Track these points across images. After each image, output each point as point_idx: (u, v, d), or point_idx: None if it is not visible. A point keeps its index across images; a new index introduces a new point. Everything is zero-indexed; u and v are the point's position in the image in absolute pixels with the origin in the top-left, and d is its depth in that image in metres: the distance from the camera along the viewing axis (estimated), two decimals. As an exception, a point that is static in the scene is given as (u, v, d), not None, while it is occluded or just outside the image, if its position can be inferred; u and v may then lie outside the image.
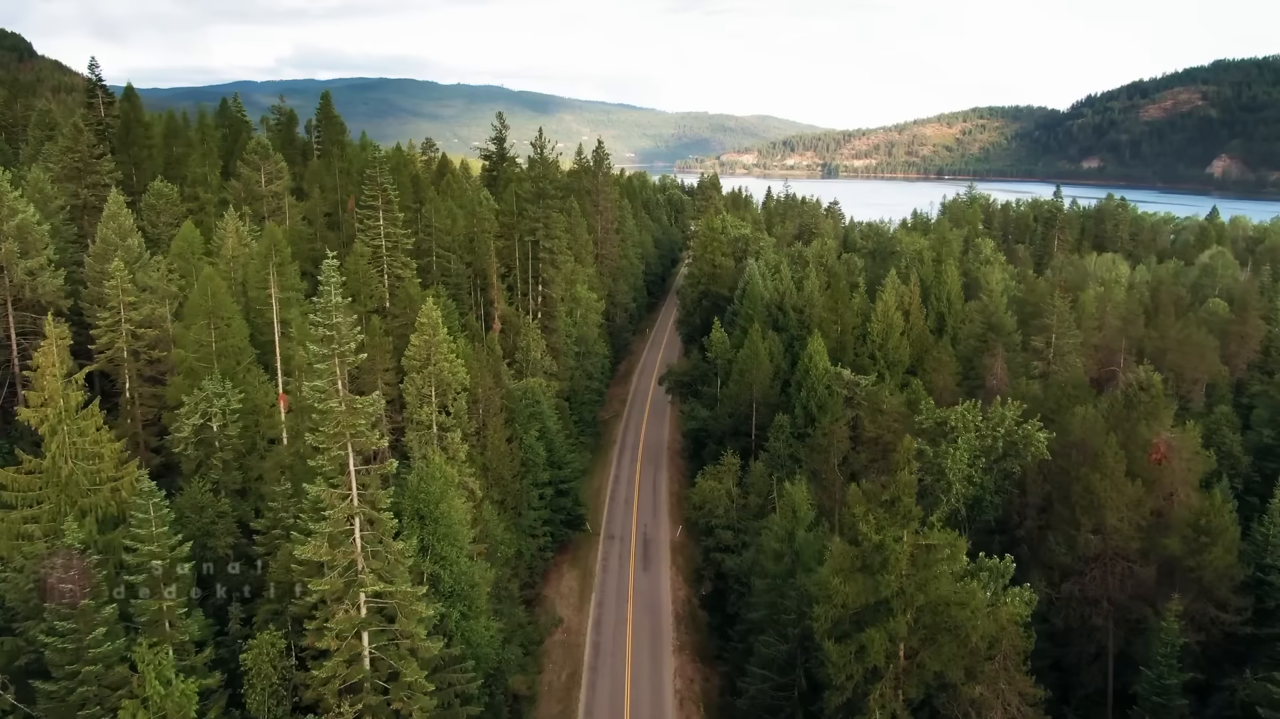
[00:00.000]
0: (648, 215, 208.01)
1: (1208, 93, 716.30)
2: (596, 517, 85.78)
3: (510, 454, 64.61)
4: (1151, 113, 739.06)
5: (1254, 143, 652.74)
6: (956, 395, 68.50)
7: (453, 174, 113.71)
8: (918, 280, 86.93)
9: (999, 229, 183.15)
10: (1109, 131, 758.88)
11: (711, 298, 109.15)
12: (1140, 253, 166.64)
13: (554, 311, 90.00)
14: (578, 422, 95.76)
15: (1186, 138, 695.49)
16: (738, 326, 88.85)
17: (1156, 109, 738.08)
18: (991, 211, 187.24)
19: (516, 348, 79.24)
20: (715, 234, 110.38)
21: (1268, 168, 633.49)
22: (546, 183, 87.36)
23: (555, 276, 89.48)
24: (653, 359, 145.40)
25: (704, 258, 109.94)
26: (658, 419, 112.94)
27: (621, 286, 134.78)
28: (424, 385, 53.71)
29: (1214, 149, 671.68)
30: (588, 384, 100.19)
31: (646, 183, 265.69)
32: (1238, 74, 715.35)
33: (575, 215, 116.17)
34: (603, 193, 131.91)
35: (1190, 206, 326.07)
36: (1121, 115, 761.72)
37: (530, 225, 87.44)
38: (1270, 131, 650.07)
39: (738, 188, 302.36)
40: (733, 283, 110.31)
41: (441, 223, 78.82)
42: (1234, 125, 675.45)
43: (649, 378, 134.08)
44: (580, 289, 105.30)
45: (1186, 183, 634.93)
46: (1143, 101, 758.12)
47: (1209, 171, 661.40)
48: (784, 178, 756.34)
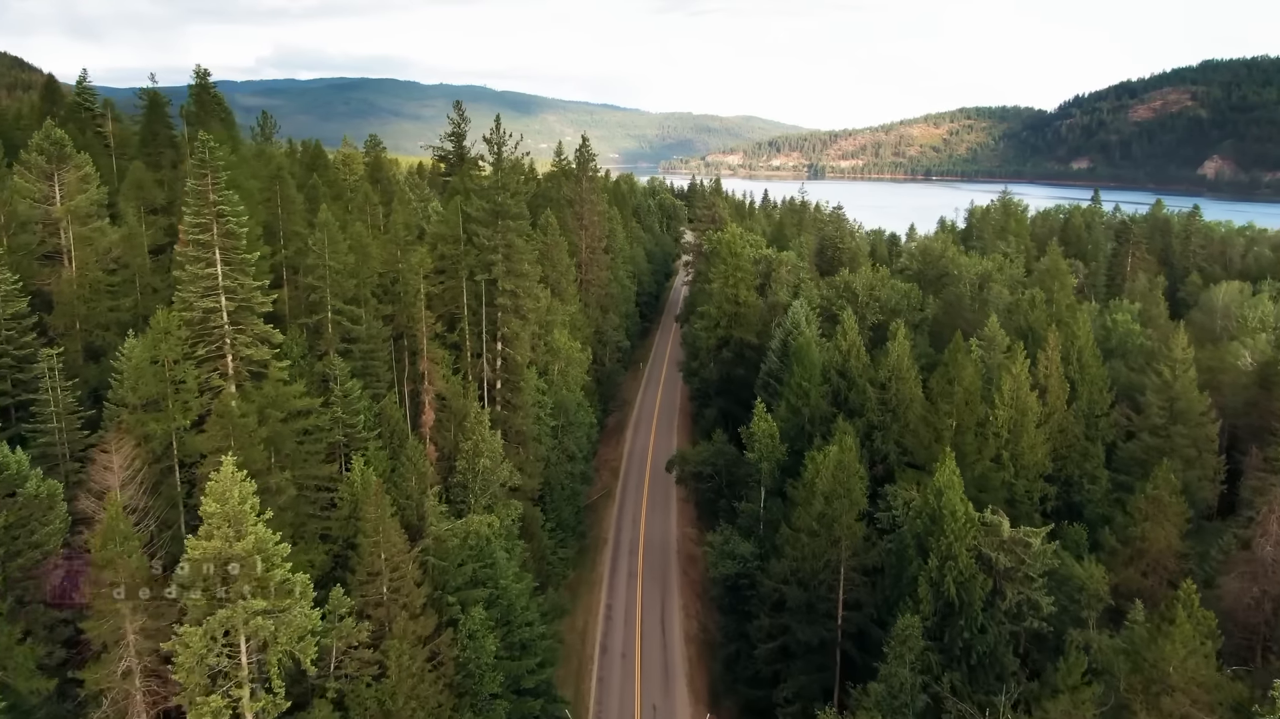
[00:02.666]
0: (638, 224, 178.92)
1: (1197, 93, 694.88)
2: (579, 683, 57.03)
3: (433, 670, 35.84)
4: (1141, 113, 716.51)
5: (1246, 143, 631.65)
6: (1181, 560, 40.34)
7: (393, 182, 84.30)
8: (1057, 343, 57.85)
9: (1038, 241, 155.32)
10: (1098, 132, 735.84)
11: (735, 346, 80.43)
12: (1216, 272, 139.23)
13: (518, 380, 61.10)
14: (555, 528, 67.00)
15: (1177, 138, 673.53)
16: (782, 400, 60.39)
17: (1146, 109, 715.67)
18: (1022, 220, 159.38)
19: (459, 449, 50.66)
20: (737, 258, 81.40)
21: (1261, 168, 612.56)
22: (507, 196, 58.23)
23: (520, 330, 60.45)
24: (650, 402, 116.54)
25: (723, 291, 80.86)
26: (662, 499, 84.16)
27: (612, 319, 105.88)
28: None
29: (1205, 150, 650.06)
30: (569, 469, 71.44)
31: (635, 186, 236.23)
32: (1226, 74, 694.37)
33: (553, 232, 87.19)
34: (588, 202, 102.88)
35: (1186, 208, 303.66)
36: (1110, 116, 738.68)
37: (484, 259, 58.60)
38: (1262, 132, 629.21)
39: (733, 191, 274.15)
40: (761, 324, 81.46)
41: (340, 259, 49.62)
42: (1225, 126, 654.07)
43: (647, 431, 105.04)
44: (559, 337, 76.27)
45: (1179, 184, 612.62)
46: (1131, 102, 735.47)
47: (1201, 173, 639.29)
48: (770, 179, 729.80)
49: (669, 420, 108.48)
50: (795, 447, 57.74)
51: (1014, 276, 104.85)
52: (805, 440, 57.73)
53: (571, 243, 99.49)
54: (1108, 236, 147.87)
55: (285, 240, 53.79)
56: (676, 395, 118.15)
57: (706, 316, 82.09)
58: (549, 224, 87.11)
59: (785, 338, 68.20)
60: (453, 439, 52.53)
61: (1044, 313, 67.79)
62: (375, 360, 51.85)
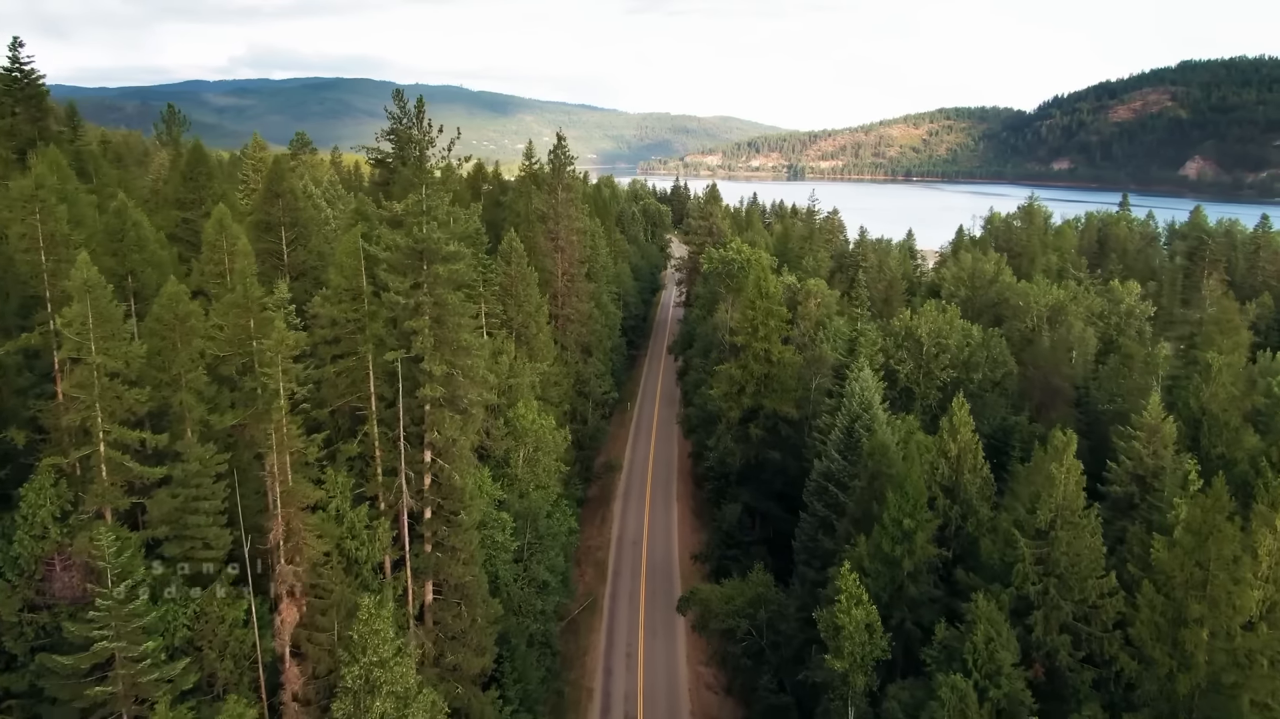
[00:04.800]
0: (622, 234, 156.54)
1: (1176, 93, 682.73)
2: None
3: None
4: (1121, 114, 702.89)
5: (1227, 144, 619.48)
6: None
7: (298, 196, 61.12)
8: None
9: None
10: (1078, 133, 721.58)
11: (767, 421, 58.19)
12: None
13: (458, 507, 38.85)
14: (518, 707, 44.63)
15: (1158, 139, 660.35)
16: (862, 544, 38.45)
17: (1126, 110, 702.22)
18: (1066, 233, 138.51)
19: (343, 672, 28.43)
20: (768, 300, 58.81)
21: (1243, 169, 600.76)
22: (433, 228, 35.83)
23: (458, 432, 38.13)
24: (642, 459, 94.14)
25: (750, 346, 58.25)
26: (665, 614, 61.78)
27: (595, 365, 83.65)
28: None
29: (1186, 150, 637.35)
30: (539, 611, 49.21)
31: (617, 191, 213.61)
32: (1205, 74, 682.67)
33: (519, 261, 64.72)
34: (566, 217, 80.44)
35: (1170, 209, 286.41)
36: (1090, 117, 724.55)
37: (401, 326, 36.39)
38: (1243, 133, 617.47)
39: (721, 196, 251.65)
40: (801, 387, 59.24)
41: (120, 350, 27.14)
42: (1205, 126, 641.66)
43: (639, 502, 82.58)
44: (525, 413, 53.81)
45: (1161, 184, 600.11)
46: (1111, 102, 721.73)
47: (1183, 173, 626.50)
48: (749, 179, 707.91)
49: (666, 486, 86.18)
50: (893, 617, 35.89)
51: (1091, 309, 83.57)
52: (908, 608, 35.93)
53: (545, 269, 77.17)
54: (1163, 252, 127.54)
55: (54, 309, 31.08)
56: (673, 449, 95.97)
57: (726, 379, 59.31)
58: (513, 250, 64.63)
59: (851, 424, 46.19)
60: (333, 647, 30.11)
61: (1225, 390, 46.09)
62: (198, 514, 29.28)
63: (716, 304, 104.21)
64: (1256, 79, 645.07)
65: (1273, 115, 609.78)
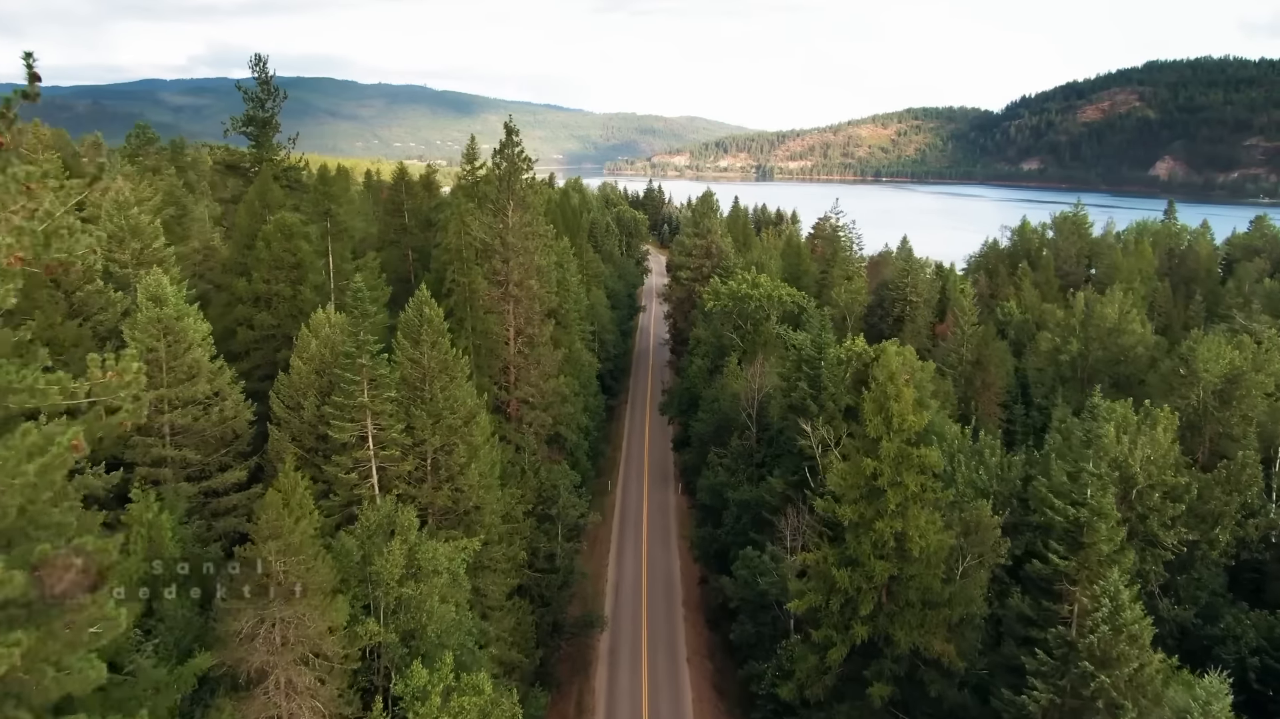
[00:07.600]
0: (595, 252, 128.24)
1: (1144, 94, 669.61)
2: None
3: None
4: (1089, 114, 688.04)
5: (1197, 144, 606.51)
6: None
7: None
8: None
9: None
10: (1047, 133, 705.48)
11: (896, 664, 30.57)
12: None
13: None
14: None
15: (1127, 139, 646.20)
16: None
17: (1094, 110, 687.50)
18: (1144, 251, 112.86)
19: None
20: (903, 430, 30.78)
21: (1213, 169, 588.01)
22: None
23: None
24: (630, 589, 64.54)
25: (877, 527, 30.57)
26: None
27: (563, 471, 55.52)
28: None
29: (1156, 150, 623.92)
30: None
31: (587, 196, 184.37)
32: (1172, 75, 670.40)
33: (432, 351, 36.97)
34: (521, 252, 52.25)
35: (1142, 210, 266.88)
36: (1059, 117, 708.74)
37: None
38: (1212, 133, 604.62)
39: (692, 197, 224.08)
40: (960, 600, 31.80)
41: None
42: (1175, 127, 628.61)
43: (631, 680, 53.58)
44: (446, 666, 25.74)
45: (1131, 185, 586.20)
46: (1079, 103, 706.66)
47: (1154, 174, 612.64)
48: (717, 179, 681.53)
49: (670, 640, 57.71)
50: None
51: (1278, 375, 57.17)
52: None
53: (489, 333, 48.96)
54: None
55: None
56: (674, 563, 67.79)
57: (821, 581, 30.72)
58: (425, 324, 36.43)
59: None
60: None
61: None
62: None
63: (726, 356, 76.85)
64: (1223, 79, 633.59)
65: (1241, 115, 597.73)
